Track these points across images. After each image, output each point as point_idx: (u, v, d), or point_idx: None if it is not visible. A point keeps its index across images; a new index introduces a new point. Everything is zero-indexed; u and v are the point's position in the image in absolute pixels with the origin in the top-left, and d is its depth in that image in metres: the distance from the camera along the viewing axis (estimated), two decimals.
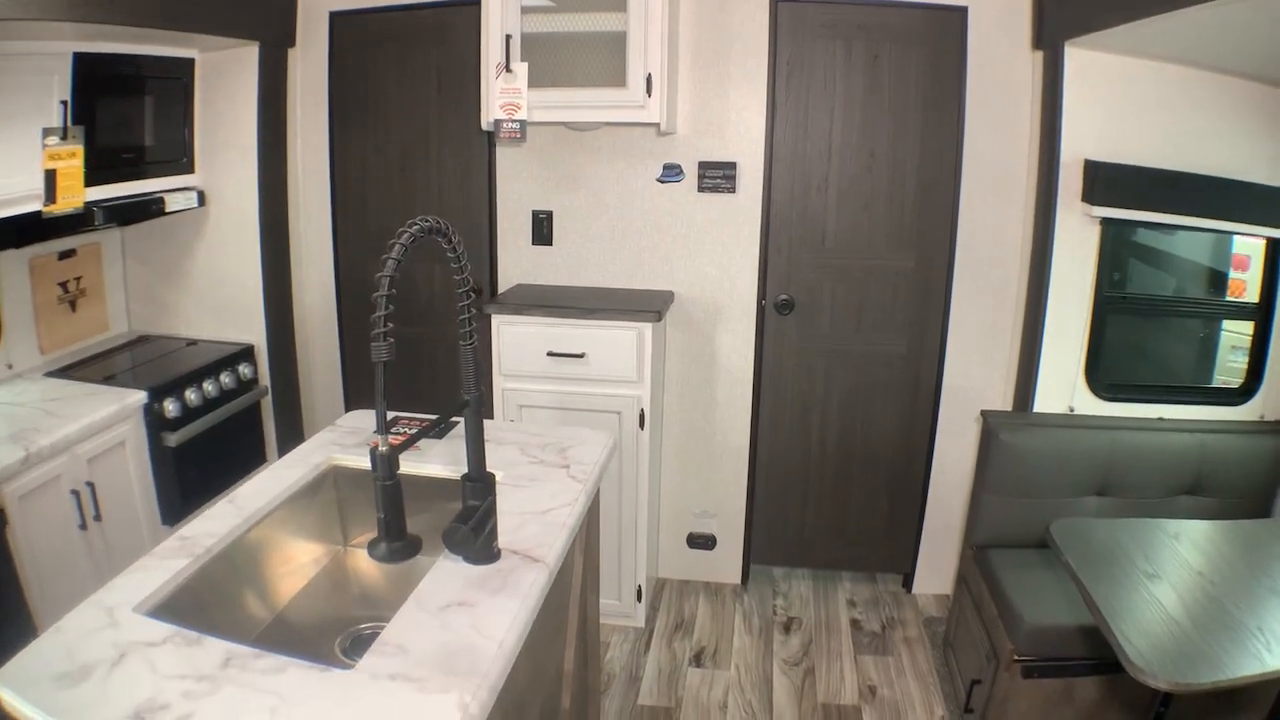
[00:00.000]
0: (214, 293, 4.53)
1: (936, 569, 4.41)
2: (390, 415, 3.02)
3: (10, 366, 4.02)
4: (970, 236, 4.01)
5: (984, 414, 3.62)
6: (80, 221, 3.70)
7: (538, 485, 2.54)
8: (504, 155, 4.31)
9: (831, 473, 4.42)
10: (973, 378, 4.15)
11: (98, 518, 3.56)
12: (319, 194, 4.63)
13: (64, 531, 3.43)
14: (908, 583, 4.52)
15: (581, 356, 3.88)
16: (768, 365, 4.30)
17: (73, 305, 4.34)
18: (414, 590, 2.01)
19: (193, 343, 4.54)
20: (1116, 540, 2.80)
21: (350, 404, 4.90)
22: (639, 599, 4.18)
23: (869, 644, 4.08)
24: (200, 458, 4.08)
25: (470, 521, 1.98)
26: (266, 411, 4.61)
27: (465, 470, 2.10)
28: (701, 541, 4.53)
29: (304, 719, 1.60)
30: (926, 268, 4.10)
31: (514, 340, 3.93)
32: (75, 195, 3.57)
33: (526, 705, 2.27)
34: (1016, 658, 3.12)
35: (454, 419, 2.89)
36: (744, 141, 4.06)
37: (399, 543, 1.85)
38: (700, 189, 4.11)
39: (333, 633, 2.45)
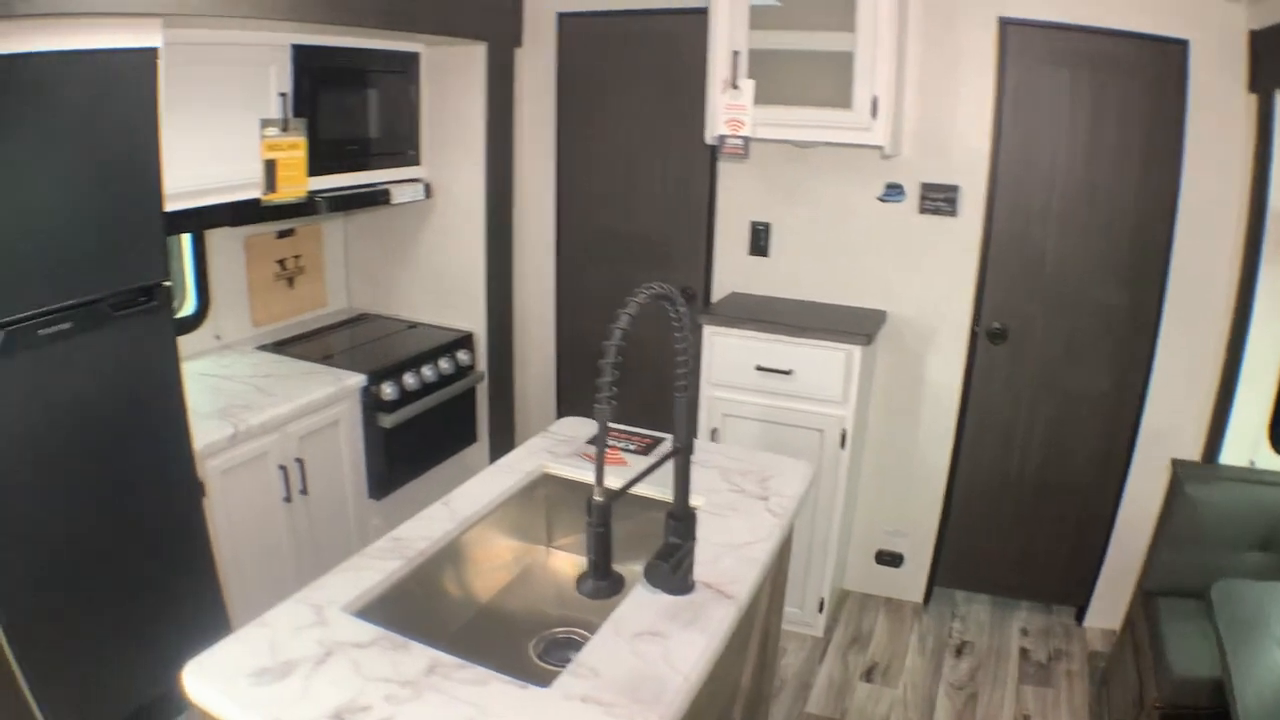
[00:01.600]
0: (437, 279, 4.73)
1: (1110, 606, 4.32)
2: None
3: (218, 338, 4.24)
4: (1181, 277, 3.89)
5: (1173, 463, 3.54)
6: (303, 210, 3.84)
7: (736, 516, 2.62)
8: (725, 165, 4.39)
9: (1025, 503, 4.39)
10: (1170, 421, 4.03)
11: (304, 491, 3.76)
12: (543, 190, 4.81)
13: (266, 504, 3.63)
14: (1080, 616, 4.45)
15: (789, 373, 3.96)
16: (975, 392, 4.27)
17: (290, 282, 4.57)
18: (611, 612, 2.13)
19: (413, 326, 4.74)
20: (1266, 604, 2.74)
21: (562, 394, 5.10)
22: (820, 610, 4.26)
23: (1033, 674, 4.06)
24: (413, 438, 4.25)
25: (670, 560, 2.08)
26: (481, 396, 4.79)
27: (668, 496, 2.20)
28: (889, 559, 4.58)
29: None
30: (1137, 305, 4.00)
31: (724, 351, 4.04)
32: (297, 185, 3.74)
33: (701, 718, 2.38)
34: (1158, 705, 3.09)
35: (659, 435, 3.02)
36: (967, 165, 4.02)
37: (604, 582, 1.97)
38: (921, 210, 4.10)
39: (528, 633, 2.57)
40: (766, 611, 2.84)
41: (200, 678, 1.86)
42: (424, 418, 4.28)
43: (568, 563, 2.91)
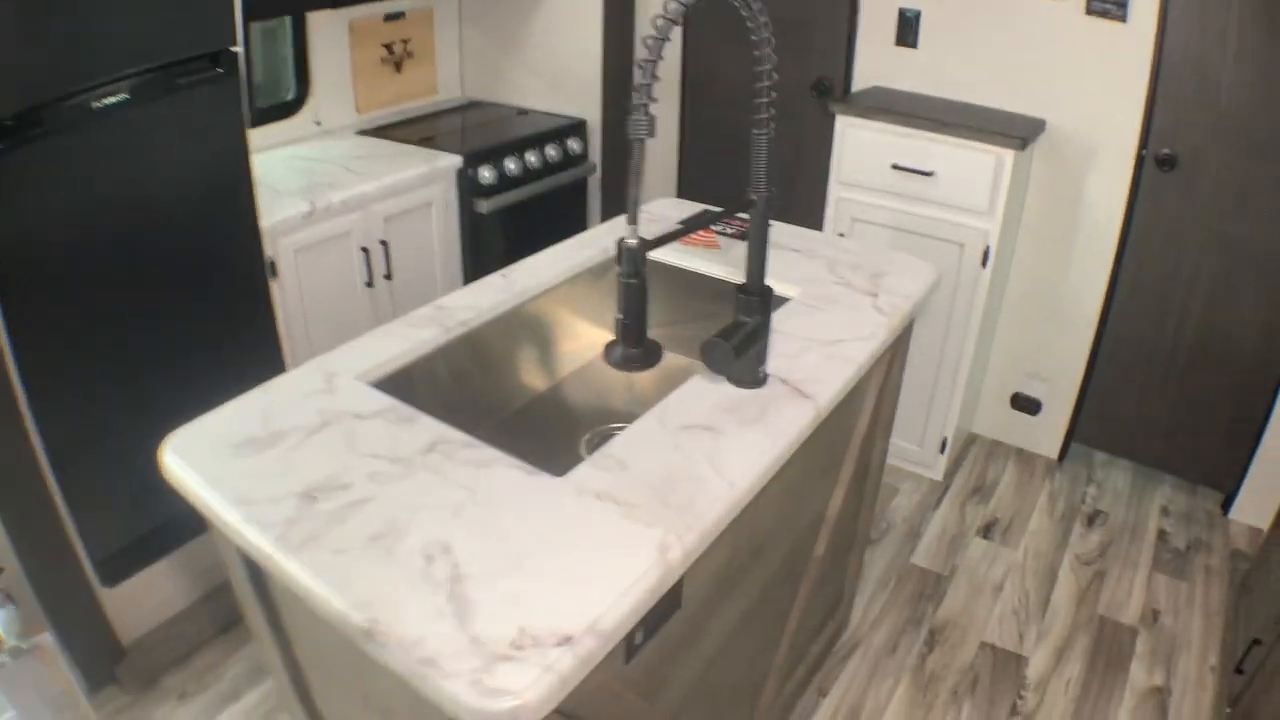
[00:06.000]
0: (550, 63, 4.44)
1: (1261, 501, 3.74)
2: (700, 210, 2.83)
3: (319, 124, 4.07)
4: None
5: None
6: None
7: (835, 310, 2.22)
8: None
9: (1180, 365, 3.82)
10: None
11: (388, 276, 3.61)
12: None
13: (344, 287, 3.48)
14: (1226, 505, 3.88)
15: (930, 175, 3.47)
16: (1137, 227, 3.68)
17: (398, 66, 4.36)
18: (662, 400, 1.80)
19: (524, 112, 4.50)
20: None
21: (684, 188, 4.70)
22: (941, 451, 3.85)
23: (1169, 562, 3.57)
24: (513, 227, 4.05)
25: (733, 338, 1.70)
26: (593, 189, 4.53)
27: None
28: (1025, 404, 4.09)
29: (482, 523, 1.45)
30: None
31: (857, 146, 3.57)
32: None
33: (767, 548, 2.05)
34: None
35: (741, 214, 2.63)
36: None
37: (636, 350, 1.60)
38: (1089, 10, 3.45)
39: (586, 426, 2.33)
40: (868, 435, 2.47)
41: (179, 450, 1.64)
42: (526, 206, 4.04)
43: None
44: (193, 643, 2.98)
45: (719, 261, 2.48)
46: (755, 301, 1.77)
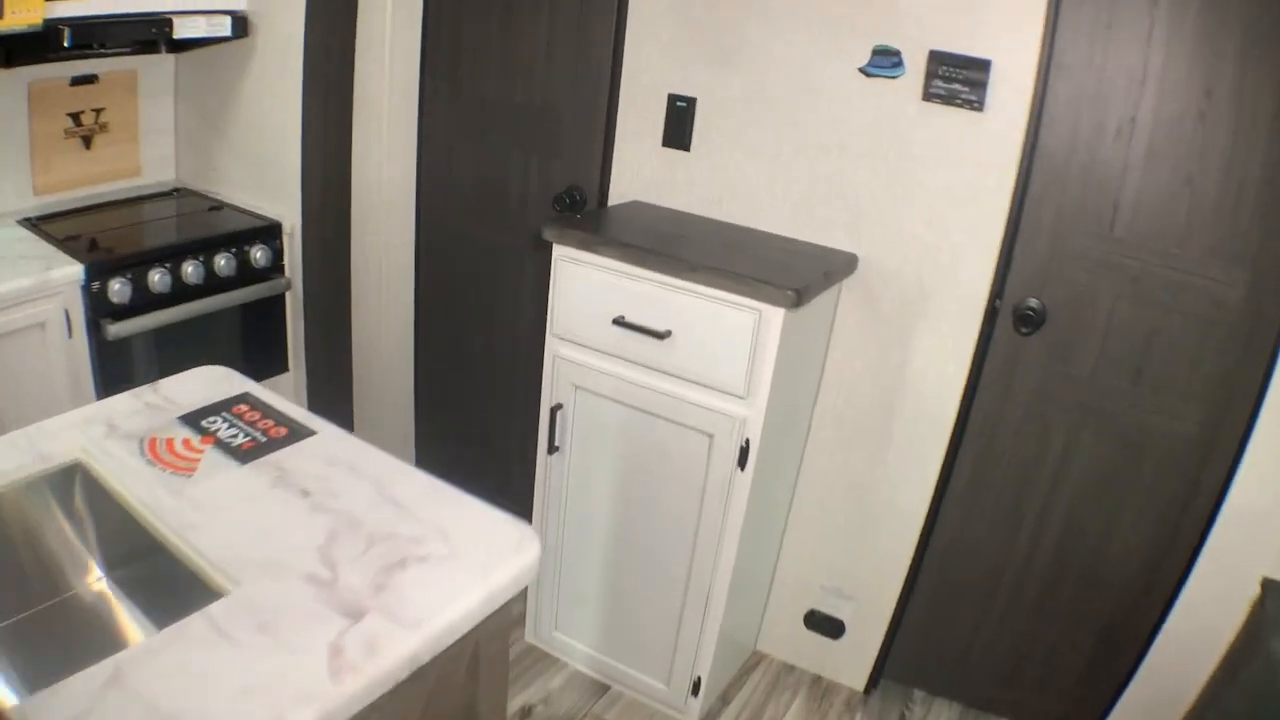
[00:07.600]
0: (251, 149, 3.64)
1: None
2: (234, 395, 1.92)
3: None
4: None
5: (1264, 585, 2.06)
6: (43, 42, 2.97)
7: (255, 649, 1.26)
8: (637, 12, 2.93)
9: (1035, 586, 2.91)
10: (1273, 502, 2.48)
11: None
12: (406, 54, 3.52)
13: None
14: None
15: (664, 337, 2.54)
16: (983, 403, 2.78)
17: (86, 141, 3.63)
18: None
19: (218, 207, 3.69)
20: None
21: (421, 312, 3.82)
22: (694, 693, 2.90)
23: None
24: (167, 357, 3.25)
25: None
26: (293, 310, 3.67)
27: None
28: (823, 625, 3.15)
29: None
30: (1261, 300, 2.43)
31: (574, 287, 2.66)
32: (30, 10, 2.90)
33: None
34: None
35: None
36: (1007, 31, 2.44)
37: None
38: (927, 95, 2.55)
39: None
40: None
41: None
42: (187, 330, 3.26)
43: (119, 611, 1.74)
44: None
45: (179, 491, 1.59)
46: None
